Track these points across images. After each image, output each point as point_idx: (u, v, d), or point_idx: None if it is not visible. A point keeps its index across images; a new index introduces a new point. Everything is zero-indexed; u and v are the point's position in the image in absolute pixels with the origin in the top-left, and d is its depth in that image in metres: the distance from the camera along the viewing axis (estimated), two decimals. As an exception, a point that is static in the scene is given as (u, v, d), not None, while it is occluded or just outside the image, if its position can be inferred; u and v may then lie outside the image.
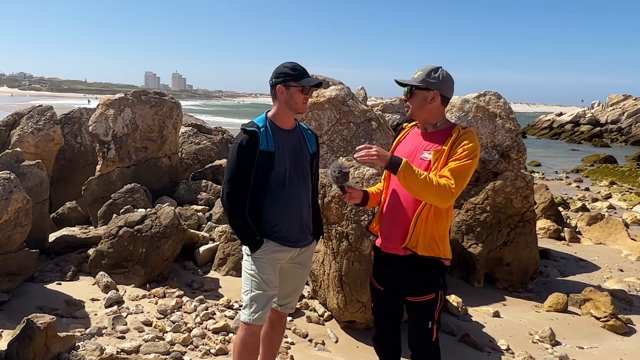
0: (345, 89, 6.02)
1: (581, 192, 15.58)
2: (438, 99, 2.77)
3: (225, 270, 5.42)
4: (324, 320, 4.54)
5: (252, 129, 2.86)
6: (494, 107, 6.57)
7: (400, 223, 2.78)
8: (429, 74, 2.76)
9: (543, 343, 4.68)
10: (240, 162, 2.84)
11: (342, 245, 4.22)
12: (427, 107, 2.77)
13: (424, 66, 2.82)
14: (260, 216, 2.92)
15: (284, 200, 2.91)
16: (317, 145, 3.11)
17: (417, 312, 2.83)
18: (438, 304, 2.79)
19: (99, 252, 5.05)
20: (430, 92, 2.75)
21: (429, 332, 2.80)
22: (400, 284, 2.84)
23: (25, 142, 6.90)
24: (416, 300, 2.79)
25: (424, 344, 2.83)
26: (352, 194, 2.89)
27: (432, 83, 2.75)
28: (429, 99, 2.76)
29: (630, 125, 43.84)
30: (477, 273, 6.00)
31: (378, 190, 3.03)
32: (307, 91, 2.89)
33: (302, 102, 2.88)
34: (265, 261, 2.90)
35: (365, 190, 3.00)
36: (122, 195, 6.47)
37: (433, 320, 2.79)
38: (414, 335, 2.86)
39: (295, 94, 2.86)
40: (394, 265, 2.82)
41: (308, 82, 2.86)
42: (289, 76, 2.85)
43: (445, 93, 2.79)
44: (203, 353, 3.87)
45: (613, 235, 8.70)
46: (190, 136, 9.25)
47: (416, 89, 2.77)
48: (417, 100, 2.78)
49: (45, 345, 3.44)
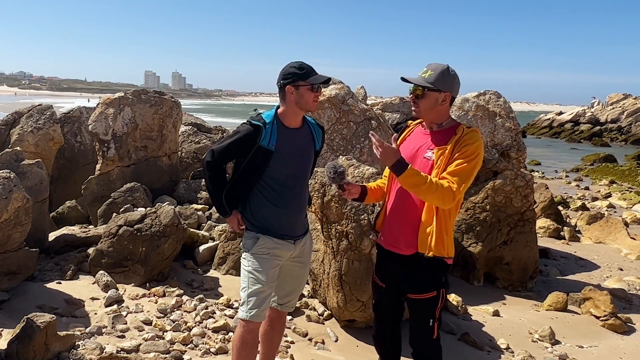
0: (345, 88, 6.02)
1: (581, 191, 15.58)
2: (448, 100, 2.72)
3: (225, 269, 5.42)
4: (324, 319, 4.54)
5: (257, 123, 2.86)
6: (494, 106, 6.56)
7: (404, 223, 2.77)
8: (442, 75, 2.67)
9: (543, 342, 4.68)
10: (234, 144, 2.88)
11: (342, 244, 4.22)
12: (436, 109, 2.72)
13: (434, 64, 2.73)
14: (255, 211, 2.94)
15: (285, 199, 2.92)
16: (323, 140, 3.13)
17: (418, 309, 2.83)
18: (439, 302, 2.79)
19: (98, 251, 5.05)
20: (442, 94, 2.69)
21: (430, 330, 2.80)
22: (401, 281, 2.84)
23: (25, 141, 6.89)
24: (417, 297, 2.79)
25: (425, 342, 2.83)
26: (350, 190, 2.89)
27: (444, 85, 2.68)
28: (440, 101, 2.70)
29: (630, 124, 43.81)
30: (476, 272, 6.01)
31: (378, 187, 3.03)
32: (317, 89, 2.87)
33: (312, 100, 2.87)
34: (263, 258, 2.91)
35: (364, 185, 3.00)
36: (122, 195, 6.48)
37: (434, 318, 2.80)
38: (415, 332, 2.86)
39: (305, 93, 2.84)
40: (396, 263, 2.82)
41: (316, 80, 2.85)
42: (296, 76, 2.84)
43: (455, 94, 2.75)
44: (203, 352, 3.87)
45: (613, 235, 8.70)
46: (190, 135, 9.25)
47: (428, 90, 2.69)
48: (428, 101, 2.70)
49: (45, 344, 3.44)
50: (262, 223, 2.94)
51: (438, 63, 2.73)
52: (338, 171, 2.76)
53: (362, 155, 5.72)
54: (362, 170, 4.14)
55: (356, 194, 2.92)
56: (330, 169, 2.78)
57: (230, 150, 2.91)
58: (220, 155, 2.93)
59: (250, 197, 2.94)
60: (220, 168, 2.96)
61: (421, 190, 2.59)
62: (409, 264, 2.77)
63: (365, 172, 4.13)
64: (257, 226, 2.94)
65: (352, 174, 4.11)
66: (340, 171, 2.77)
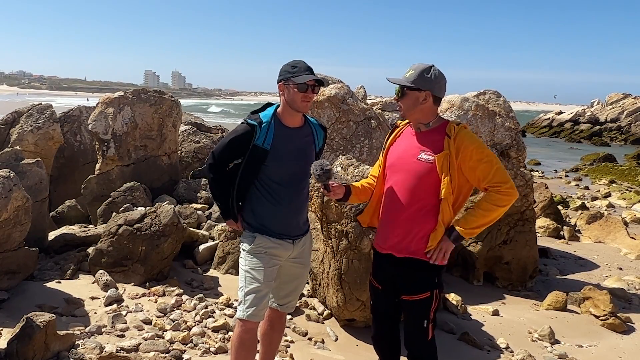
0: (344, 88, 6.02)
1: (580, 190, 15.58)
2: (430, 100, 2.72)
3: (224, 269, 5.42)
4: (324, 318, 4.54)
5: (253, 122, 2.85)
6: (494, 106, 6.56)
7: (396, 225, 2.78)
8: (421, 74, 2.70)
9: (542, 341, 4.69)
10: (231, 143, 2.89)
11: (341, 243, 4.22)
12: (418, 108, 2.74)
13: (416, 64, 2.75)
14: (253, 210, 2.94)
15: (283, 198, 2.91)
16: (324, 140, 3.12)
17: (412, 310, 2.83)
18: (433, 303, 2.78)
19: (98, 250, 5.05)
20: (422, 93, 2.71)
21: (424, 331, 2.79)
22: (396, 283, 2.85)
23: (25, 141, 6.89)
24: (411, 298, 2.79)
25: (419, 343, 2.83)
26: (335, 190, 2.86)
27: (423, 83, 2.70)
28: (420, 100, 2.72)
29: (630, 123, 43.80)
30: (476, 271, 6.01)
31: (362, 187, 3.02)
32: (306, 89, 2.81)
33: (300, 100, 2.82)
34: (260, 257, 2.90)
35: (348, 185, 2.99)
36: (121, 194, 6.47)
37: (428, 320, 2.79)
38: (410, 334, 2.85)
39: (293, 92, 2.82)
40: (391, 264, 2.83)
41: (302, 79, 2.79)
42: (288, 74, 2.84)
43: (437, 93, 2.74)
44: (202, 351, 3.87)
45: (612, 234, 8.70)
46: (189, 134, 9.25)
47: (408, 89, 2.72)
48: (409, 100, 2.74)
49: (45, 344, 3.44)
50: (259, 222, 2.93)
51: (421, 63, 2.75)
52: (325, 169, 2.72)
53: (362, 154, 5.71)
54: (362, 170, 4.14)
55: (340, 194, 2.90)
56: (317, 167, 2.72)
57: (228, 149, 2.91)
58: (220, 156, 2.93)
59: (248, 196, 2.94)
60: (222, 170, 2.96)
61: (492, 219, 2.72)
62: (402, 264, 2.78)
63: (365, 171, 4.13)
64: (254, 225, 2.94)
65: (352, 173, 4.11)
66: (327, 169, 2.72)
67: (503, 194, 2.65)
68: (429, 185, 2.68)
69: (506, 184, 2.65)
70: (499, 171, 2.67)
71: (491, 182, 2.66)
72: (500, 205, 2.66)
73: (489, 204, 2.66)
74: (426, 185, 2.69)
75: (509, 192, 2.66)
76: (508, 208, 2.71)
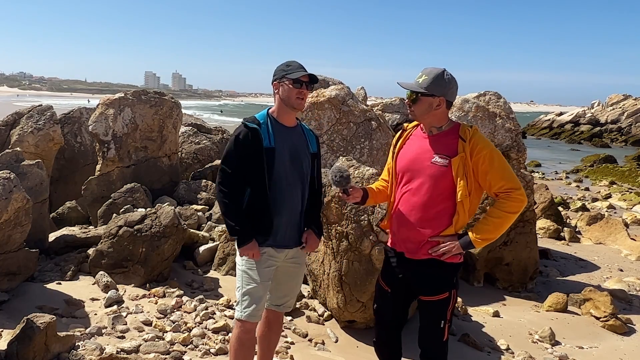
0: (345, 89, 6.02)
1: (581, 192, 15.58)
2: (443, 105, 2.72)
3: (225, 270, 5.42)
4: (324, 320, 4.54)
5: (253, 125, 2.85)
6: (494, 107, 6.57)
7: (412, 227, 2.75)
8: (436, 80, 2.68)
9: (543, 343, 4.68)
10: (237, 153, 2.85)
11: (342, 245, 4.22)
12: (432, 113, 2.72)
13: (429, 69, 2.74)
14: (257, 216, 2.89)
15: (280, 198, 2.91)
16: (318, 146, 3.11)
17: (430, 311, 2.80)
18: (451, 303, 2.78)
19: (98, 251, 5.05)
20: (436, 99, 2.69)
21: (441, 332, 2.78)
22: (413, 284, 2.82)
23: (25, 142, 6.89)
24: (430, 299, 2.77)
25: (435, 344, 2.81)
26: (354, 194, 2.88)
27: (438, 89, 2.68)
28: (434, 105, 2.70)
29: (630, 125, 43.82)
30: (477, 273, 6.01)
31: (378, 190, 3.02)
32: (300, 85, 2.85)
33: (295, 97, 2.86)
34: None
35: (365, 188, 2.98)
36: (122, 195, 6.48)
37: (445, 320, 2.78)
38: (426, 334, 2.83)
39: (287, 89, 2.86)
40: (408, 266, 2.80)
41: (296, 75, 2.84)
42: (283, 72, 2.89)
43: (450, 98, 2.74)
44: (203, 353, 3.87)
45: (613, 235, 8.70)
46: (190, 136, 9.25)
47: (422, 95, 2.70)
48: (423, 106, 2.72)
49: (45, 345, 3.44)
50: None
51: (433, 68, 2.74)
52: (344, 175, 2.75)
53: (362, 155, 5.72)
54: (362, 171, 4.14)
55: (359, 197, 2.91)
56: (336, 172, 2.75)
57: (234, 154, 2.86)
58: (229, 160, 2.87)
59: (246, 195, 2.92)
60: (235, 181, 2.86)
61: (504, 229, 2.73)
62: (422, 265, 2.75)
63: (366, 172, 4.13)
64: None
65: (352, 174, 4.11)
66: (347, 175, 2.76)
67: (514, 200, 2.64)
68: (445, 189, 2.68)
69: (518, 190, 2.65)
70: (511, 177, 2.66)
71: (502, 187, 2.65)
72: (511, 211, 2.66)
73: (501, 211, 2.66)
74: (441, 189, 2.68)
75: (520, 198, 2.65)
76: (518, 215, 2.71)
